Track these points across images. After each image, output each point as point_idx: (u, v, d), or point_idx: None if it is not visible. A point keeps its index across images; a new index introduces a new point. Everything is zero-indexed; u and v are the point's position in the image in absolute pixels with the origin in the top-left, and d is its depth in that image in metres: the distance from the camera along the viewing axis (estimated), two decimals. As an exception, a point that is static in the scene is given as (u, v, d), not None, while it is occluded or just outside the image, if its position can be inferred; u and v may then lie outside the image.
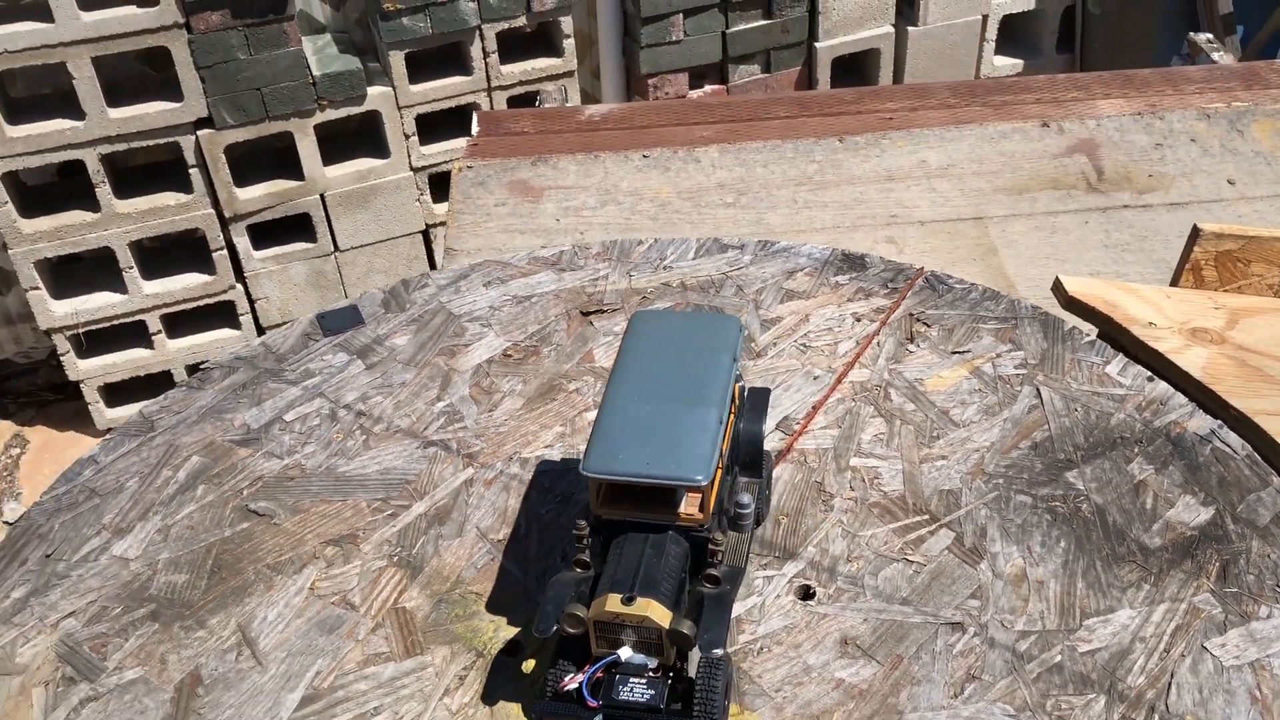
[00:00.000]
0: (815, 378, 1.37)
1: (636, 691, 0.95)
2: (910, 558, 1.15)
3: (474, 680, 1.05)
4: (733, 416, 1.08)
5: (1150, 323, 1.63)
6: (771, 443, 1.27)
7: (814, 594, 1.12)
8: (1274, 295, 1.72)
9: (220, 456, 1.29)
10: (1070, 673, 1.03)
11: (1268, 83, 2.56)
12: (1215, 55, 2.73)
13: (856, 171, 2.37)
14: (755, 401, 1.15)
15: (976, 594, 1.11)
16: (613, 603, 0.94)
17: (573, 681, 0.96)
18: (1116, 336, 1.64)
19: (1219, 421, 1.40)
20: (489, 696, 1.03)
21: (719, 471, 1.01)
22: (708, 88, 4.16)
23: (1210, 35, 2.88)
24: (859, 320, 1.46)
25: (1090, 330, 1.65)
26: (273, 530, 1.20)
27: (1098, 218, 2.23)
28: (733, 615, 1.06)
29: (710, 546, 0.98)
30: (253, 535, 1.20)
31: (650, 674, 0.96)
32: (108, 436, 1.32)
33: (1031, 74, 3.78)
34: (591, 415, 1.30)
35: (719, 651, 0.94)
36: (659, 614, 0.93)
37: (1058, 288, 1.70)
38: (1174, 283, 1.75)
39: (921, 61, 4.30)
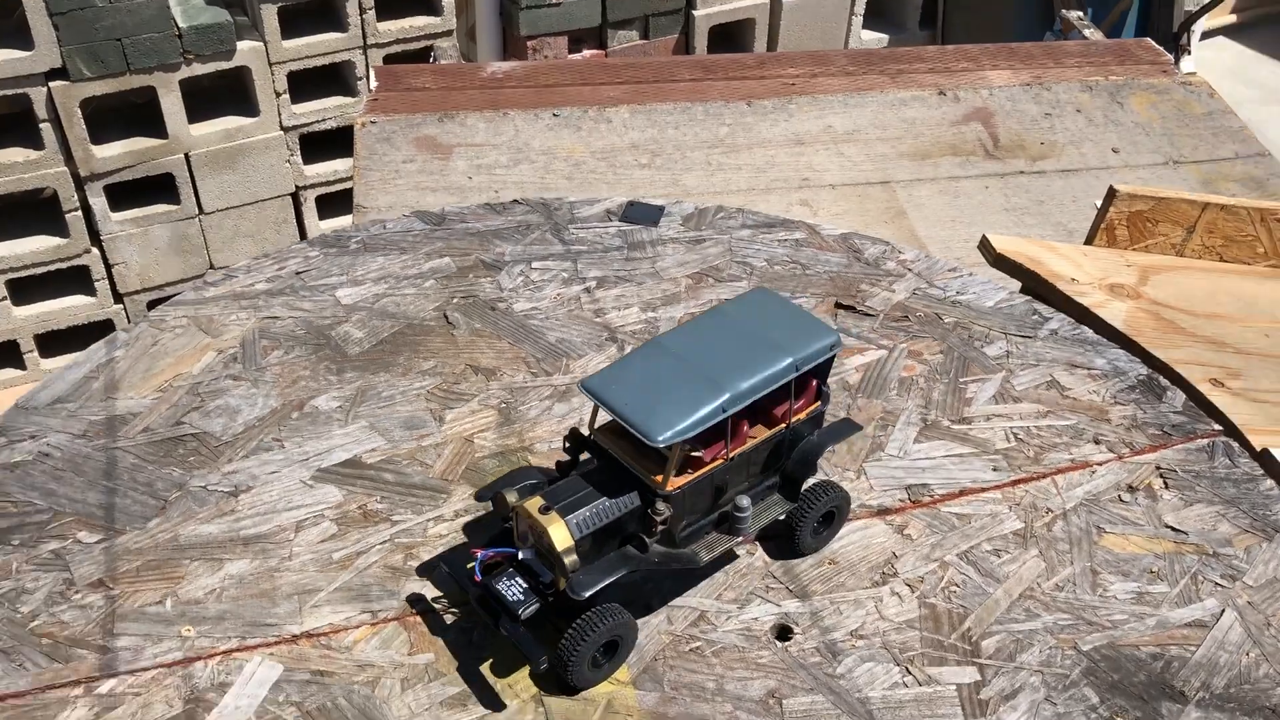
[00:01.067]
0: (995, 469, 1.25)
1: (511, 590, 1.00)
2: (910, 672, 1.06)
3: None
4: (783, 425, 1.06)
5: (1072, 279, 1.71)
6: (882, 497, 1.22)
7: (790, 636, 1.08)
8: (1176, 254, 1.83)
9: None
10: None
11: (1139, 59, 2.71)
12: (1087, 32, 2.87)
13: (766, 135, 2.39)
14: (833, 429, 1.12)
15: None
16: (532, 505, 1.00)
17: (477, 553, 1.01)
18: (1042, 291, 1.72)
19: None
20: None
21: (702, 456, 1.01)
22: (586, 52, 4.13)
23: (1081, 13, 3.03)
24: (1096, 443, 1.30)
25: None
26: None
27: (996, 183, 2.32)
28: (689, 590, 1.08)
29: (649, 513, 1.00)
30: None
31: (542, 586, 0.99)
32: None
33: (898, 48, 3.90)
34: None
35: (584, 595, 0.97)
36: (558, 535, 0.98)
37: (985, 246, 1.76)
38: (1089, 241, 1.84)
39: (793, 33, 4.37)
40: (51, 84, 3.32)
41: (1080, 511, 1.21)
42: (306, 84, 3.71)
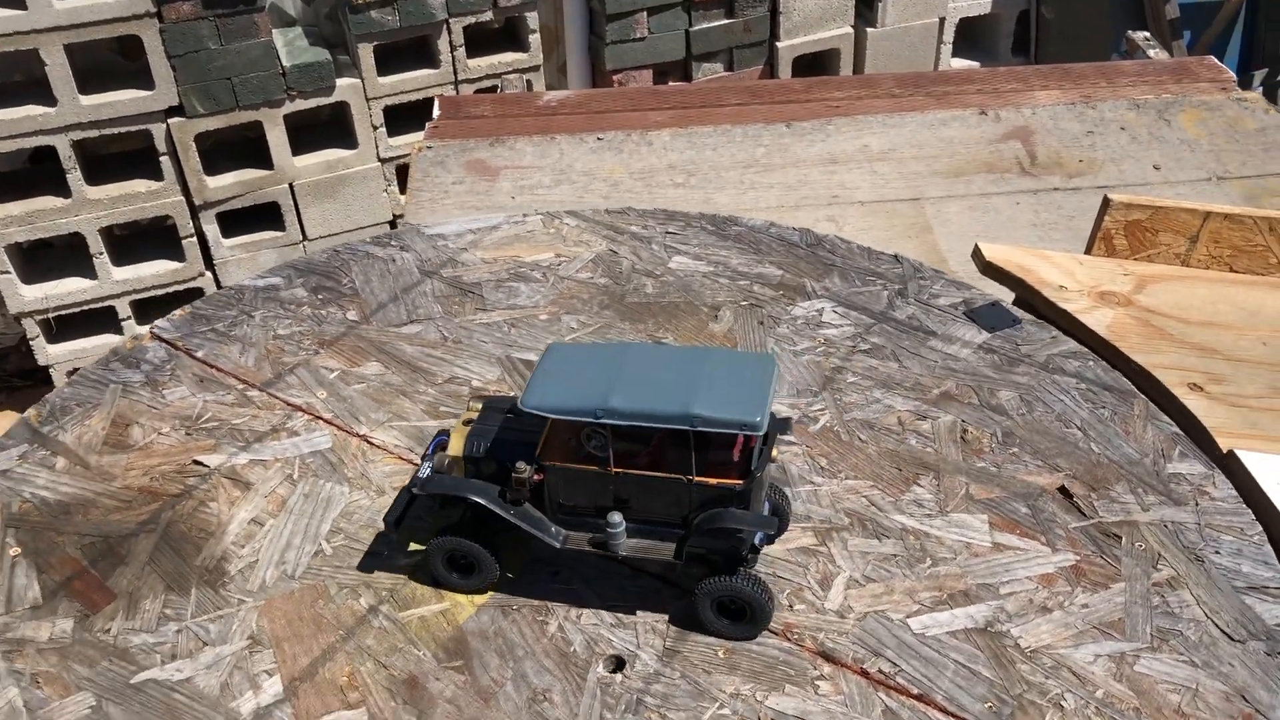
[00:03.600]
0: None
1: (422, 470, 1.18)
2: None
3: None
4: (679, 476, 1.08)
5: (1061, 286, 1.73)
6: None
7: (622, 666, 1.12)
8: (1180, 264, 1.83)
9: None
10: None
11: (1197, 76, 2.68)
12: (1151, 52, 2.85)
13: (802, 155, 2.46)
14: (757, 521, 1.10)
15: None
16: (466, 415, 1.18)
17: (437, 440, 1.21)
18: (1030, 299, 1.74)
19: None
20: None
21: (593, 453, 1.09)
22: (672, 85, 4.26)
23: (1148, 33, 3.00)
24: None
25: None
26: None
27: (1029, 199, 2.33)
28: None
29: (512, 471, 1.12)
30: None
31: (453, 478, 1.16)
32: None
33: (985, 74, 3.90)
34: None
35: (415, 488, 1.15)
36: (454, 443, 1.15)
37: (976, 254, 1.80)
38: (1088, 251, 1.85)
39: (880, 62, 4.41)
40: (170, 120, 3.62)
41: None
42: (402, 118, 3.94)
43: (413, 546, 1.22)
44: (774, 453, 1.12)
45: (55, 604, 1.18)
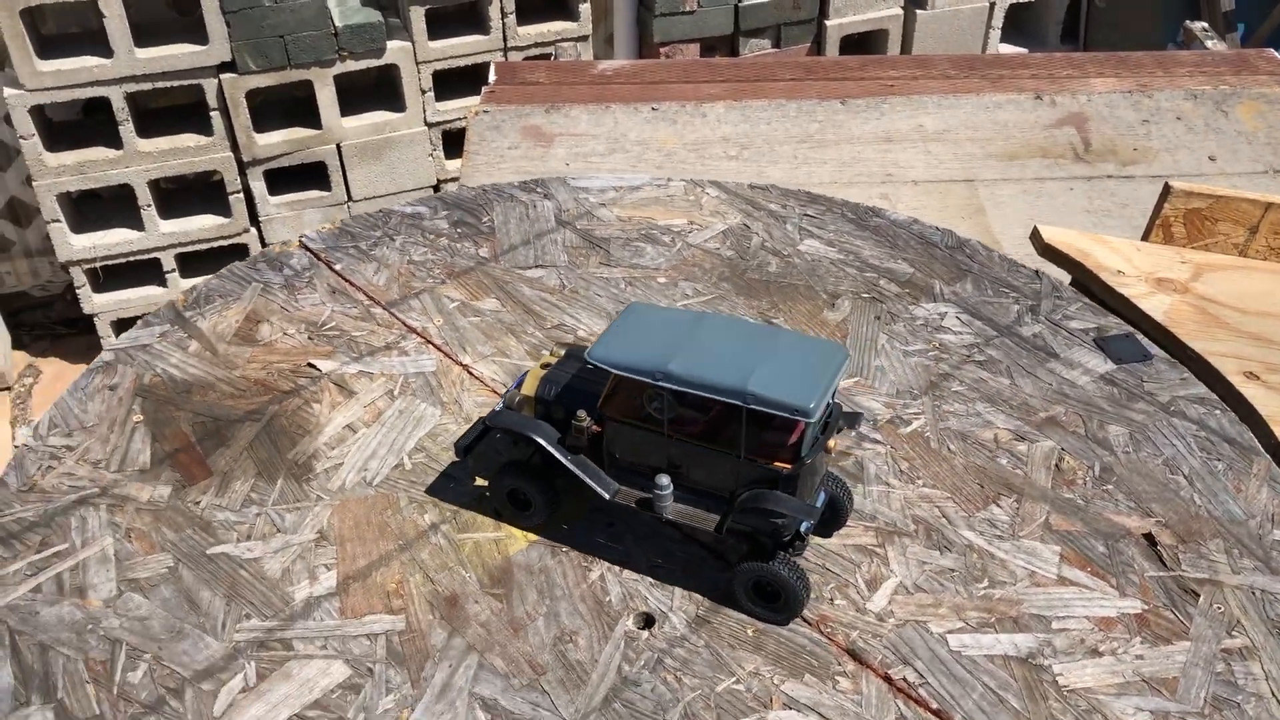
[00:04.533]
0: None
1: (499, 405, 1.21)
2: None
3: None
4: (729, 450, 1.10)
5: (1119, 271, 1.74)
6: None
7: (651, 624, 1.13)
8: (1239, 254, 1.83)
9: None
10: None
11: (1256, 69, 2.66)
12: (1209, 43, 2.83)
13: (856, 132, 2.47)
14: (800, 509, 1.10)
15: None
16: (546, 359, 1.22)
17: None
18: (1087, 283, 1.75)
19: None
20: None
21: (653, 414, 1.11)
22: (717, 58, 4.26)
23: (1206, 24, 2.98)
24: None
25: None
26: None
27: (1082, 185, 2.33)
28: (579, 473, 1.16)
29: (573, 420, 1.15)
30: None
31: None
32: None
33: (1034, 60, 3.88)
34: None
35: (486, 420, 1.19)
36: (528, 384, 1.19)
37: (1035, 236, 1.81)
38: (1145, 238, 1.85)
39: (928, 44, 4.40)
40: (222, 76, 3.65)
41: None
42: (450, 82, 3.96)
43: (478, 481, 1.25)
44: (832, 443, 1.12)
45: (159, 471, 1.27)
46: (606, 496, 1.15)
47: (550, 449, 1.15)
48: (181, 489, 1.24)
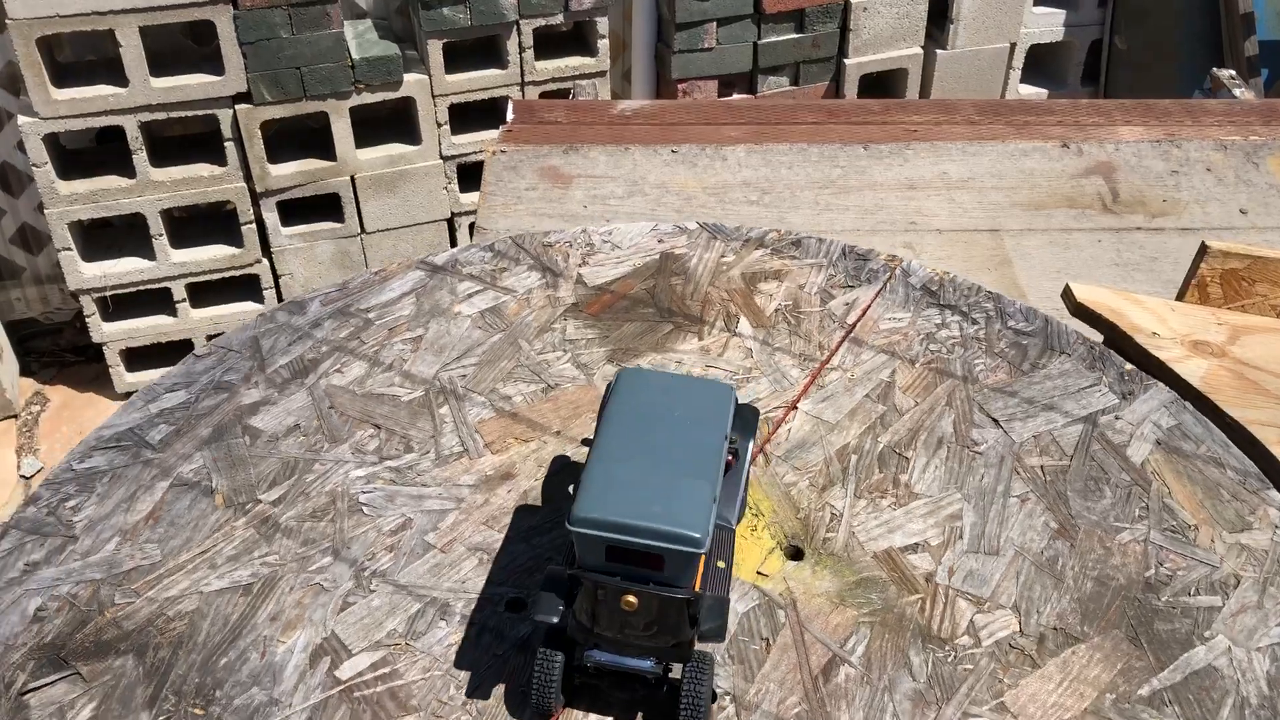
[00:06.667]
0: None
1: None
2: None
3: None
4: None
5: (1154, 333, 1.69)
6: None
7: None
8: (1277, 315, 1.78)
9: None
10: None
11: (1285, 119, 2.62)
12: (1237, 91, 2.79)
13: (879, 178, 2.43)
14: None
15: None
16: None
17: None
18: (1120, 344, 1.70)
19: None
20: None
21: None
22: (736, 97, 4.23)
23: (1233, 71, 2.94)
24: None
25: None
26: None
27: (1110, 237, 2.29)
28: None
29: None
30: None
31: None
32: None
33: (1055, 103, 3.85)
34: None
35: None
36: None
37: (1067, 294, 1.76)
38: (1180, 298, 1.80)
39: (948, 84, 4.37)
40: (237, 106, 3.63)
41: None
42: (466, 116, 3.93)
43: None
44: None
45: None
46: None
47: None
48: None
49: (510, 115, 2.70)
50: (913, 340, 1.37)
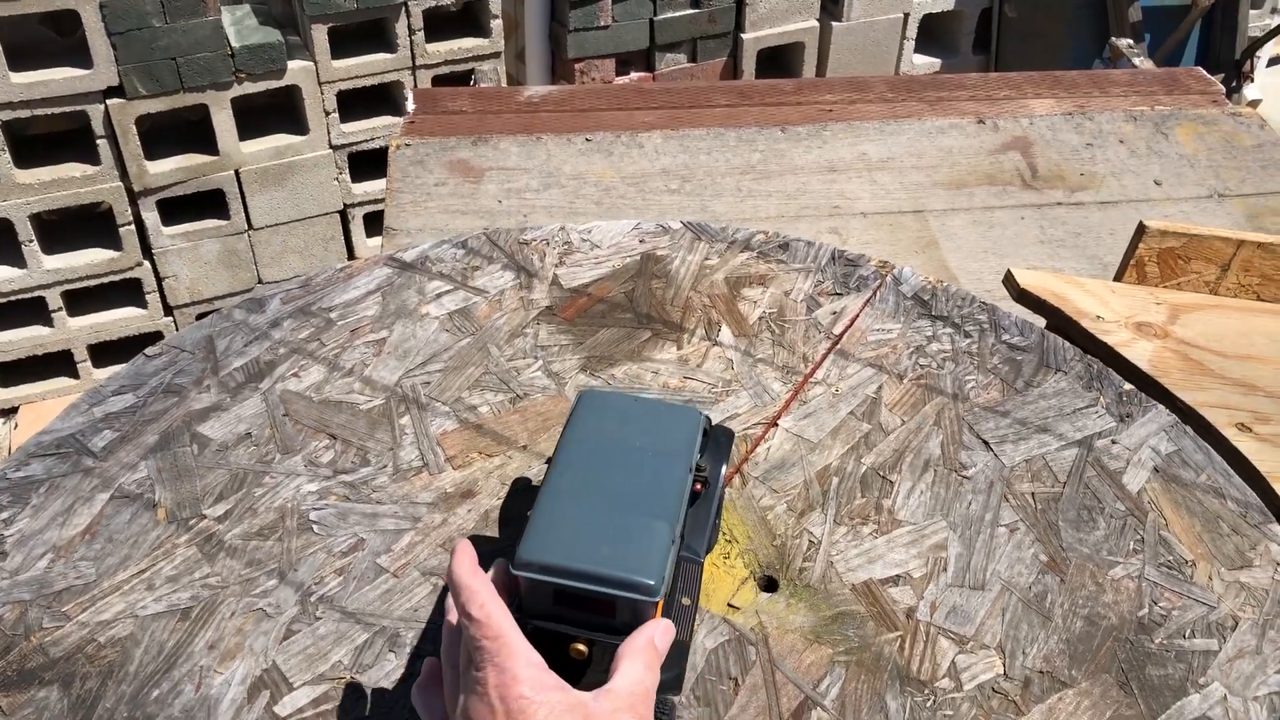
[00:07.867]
0: None
1: None
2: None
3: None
4: None
5: (1098, 316, 1.67)
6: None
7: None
8: (1210, 292, 1.78)
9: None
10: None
11: (1188, 88, 2.65)
12: (1136, 60, 2.82)
13: (799, 162, 2.38)
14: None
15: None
16: None
17: None
18: (1065, 329, 1.68)
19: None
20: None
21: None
22: (634, 75, 4.14)
23: (1131, 40, 2.97)
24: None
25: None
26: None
27: (1033, 214, 2.28)
28: None
29: None
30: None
31: None
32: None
33: (949, 73, 3.86)
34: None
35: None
36: None
37: (1009, 281, 1.73)
38: (1118, 277, 1.79)
39: (844, 56, 4.35)
40: (108, 101, 3.40)
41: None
42: (355, 103, 3.76)
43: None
44: None
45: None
46: None
47: None
48: None
49: (411, 105, 2.56)
50: (901, 353, 1.30)
